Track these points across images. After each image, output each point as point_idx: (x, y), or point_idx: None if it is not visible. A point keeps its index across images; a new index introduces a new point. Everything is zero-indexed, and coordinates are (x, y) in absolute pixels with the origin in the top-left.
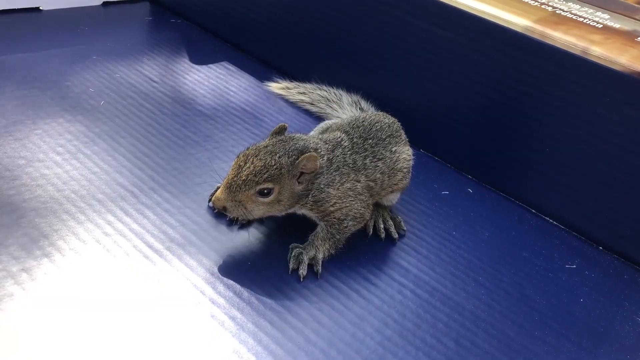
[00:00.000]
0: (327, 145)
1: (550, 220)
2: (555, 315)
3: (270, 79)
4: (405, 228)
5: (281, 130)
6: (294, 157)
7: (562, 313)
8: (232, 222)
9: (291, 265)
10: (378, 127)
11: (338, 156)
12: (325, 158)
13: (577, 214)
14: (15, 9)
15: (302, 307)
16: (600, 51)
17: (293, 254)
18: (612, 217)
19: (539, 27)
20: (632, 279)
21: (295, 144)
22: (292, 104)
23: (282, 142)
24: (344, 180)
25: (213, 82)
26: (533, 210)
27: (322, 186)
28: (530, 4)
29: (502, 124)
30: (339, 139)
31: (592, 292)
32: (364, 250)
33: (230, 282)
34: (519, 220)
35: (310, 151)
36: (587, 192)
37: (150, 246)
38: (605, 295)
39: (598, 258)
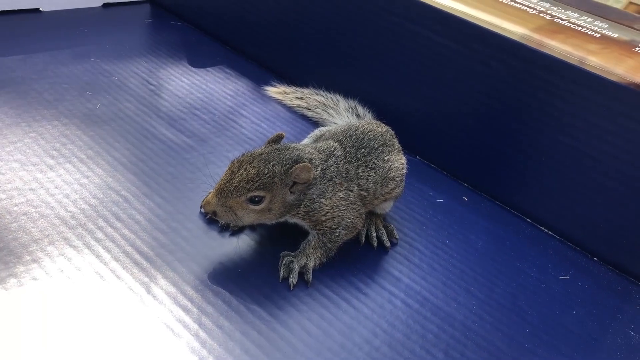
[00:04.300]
0: (320, 155)
1: (545, 230)
2: (547, 327)
3: (268, 83)
4: (397, 236)
5: (278, 139)
6: (287, 166)
7: (554, 325)
8: (223, 229)
9: (281, 274)
10: (371, 136)
11: (331, 166)
12: (319, 169)
13: (572, 224)
14: (15, 10)
15: (291, 316)
16: (597, 61)
17: (284, 262)
18: (607, 227)
19: (536, 36)
20: (626, 291)
21: (290, 153)
22: (290, 109)
23: (277, 151)
24: (337, 189)
25: (211, 85)
26: (528, 220)
27: (314, 197)
28: (528, 12)
29: (498, 132)
30: (332, 148)
31: (585, 304)
32: (355, 259)
33: (220, 289)
34: (513, 230)
35: (304, 161)
36: (583, 202)
37: (141, 252)
38: (598, 307)
39: (592, 269)
